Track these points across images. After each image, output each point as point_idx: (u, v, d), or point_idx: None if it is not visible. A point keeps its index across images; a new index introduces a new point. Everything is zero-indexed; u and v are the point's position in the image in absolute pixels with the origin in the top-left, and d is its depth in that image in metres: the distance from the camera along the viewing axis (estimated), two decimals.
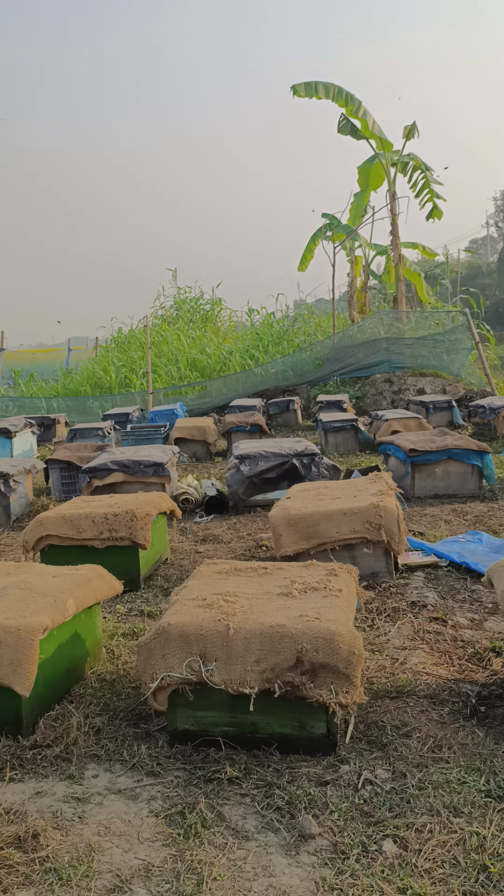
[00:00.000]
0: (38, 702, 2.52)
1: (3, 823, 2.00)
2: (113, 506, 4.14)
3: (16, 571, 3.02)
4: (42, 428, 10.44)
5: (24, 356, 21.12)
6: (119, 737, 2.44)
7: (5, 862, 1.84)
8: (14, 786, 2.19)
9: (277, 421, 11.63)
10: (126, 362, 17.03)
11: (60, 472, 6.62)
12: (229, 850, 1.88)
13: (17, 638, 2.40)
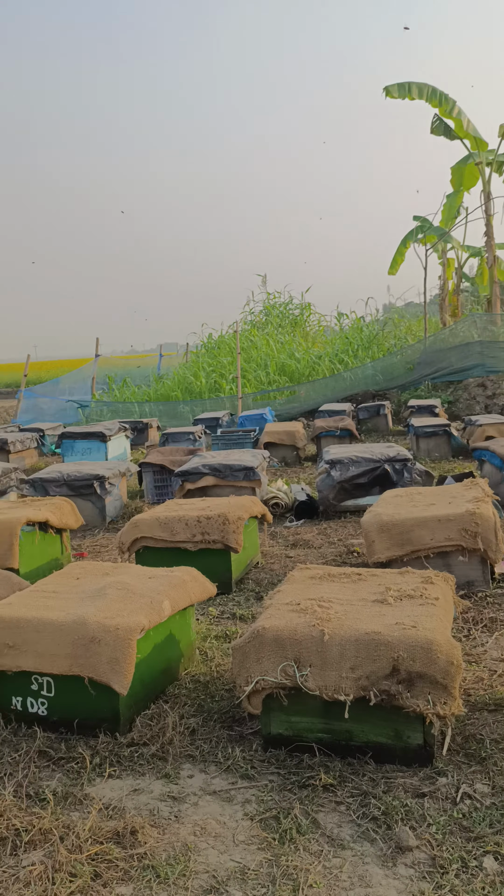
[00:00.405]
0: (135, 700, 2.57)
1: (102, 818, 2.04)
2: (205, 509, 4.19)
3: (113, 572, 3.09)
4: (135, 432, 10.67)
5: (117, 362, 21.63)
6: (213, 738, 2.46)
7: (105, 856, 1.88)
8: (112, 782, 2.24)
9: (367, 426, 11.52)
10: (216, 367, 17.21)
11: (153, 475, 6.74)
12: (325, 857, 1.87)
13: (115, 637, 2.45)
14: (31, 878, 1.80)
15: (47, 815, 2.05)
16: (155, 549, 4.10)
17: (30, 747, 2.43)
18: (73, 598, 2.78)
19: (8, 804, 2.12)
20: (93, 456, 8.54)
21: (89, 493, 5.94)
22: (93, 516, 5.93)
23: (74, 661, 2.47)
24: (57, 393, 16.78)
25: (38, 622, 2.55)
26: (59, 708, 2.55)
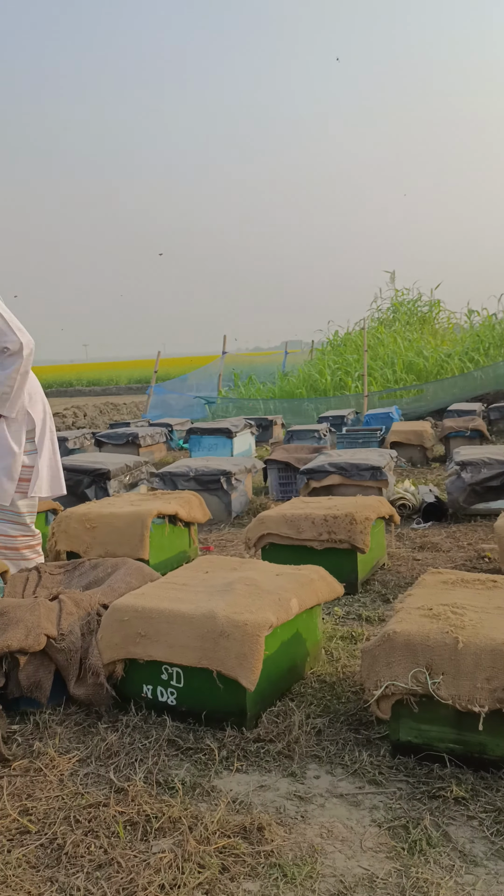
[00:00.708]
0: (262, 696, 2.58)
1: (230, 812, 2.06)
2: (332, 508, 4.16)
3: (241, 567, 3.12)
4: (260, 429, 10.75)
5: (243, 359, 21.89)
6: (340, 740, 2.43)
7: (232, 850, 1.90)
8: (239, 776, 2.25)
9: (499, 426, 11.11)
10: (341, 365, 17.09)
11: (278, 472, 6.77)
12: (456, 872, 1.80)
13: (243, 633, 2.47)
14: (161, 866, 1.83)
15: (176, 803, 2.09)
16: (280, 546, 4.12)
17: (159, 735, 2.49)
18: (203, 591, 2.82)
19: (139, 790, 2.17)
20: (219, 451, 8.67)
21: (216, 489, 6.03)
22: (219, 511, 6.01)
23: (203, 653, 2.50)
24: (184, 389, 17.18)
25: (170, 613, 2.60)
26: (187, 699, 2.59)
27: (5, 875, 1.85)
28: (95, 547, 4.24)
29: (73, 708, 2.74)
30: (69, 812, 2.10)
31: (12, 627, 2.68)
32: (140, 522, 4.20)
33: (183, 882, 1.77)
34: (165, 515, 4.44)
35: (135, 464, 6.57)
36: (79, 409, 17.19)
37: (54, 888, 1.80)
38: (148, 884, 1.77)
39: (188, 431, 9.09)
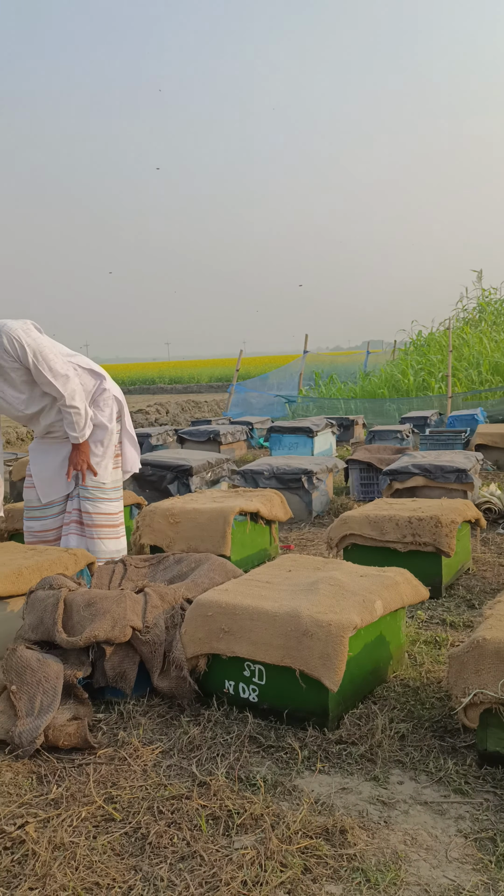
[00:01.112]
0: (344, 698, 2.56)
1: (312, 813, 2.04)
2: (417, 510, 4.09)
3: (325, 567, 3.10)
4: (341, 428, 10.69)
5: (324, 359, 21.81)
6: (424, 747, 2.38)
7: (315, 852, 1.88)
8: (321, 777, 2.23)
9: None
10: (424, 365, 16.82)
11: (360, 472, 6.70)
12: None
13: (328, 633, 2.45)
14: (244, 862, 1.83)
15: (258, 801, 2.09)
16: (363, 547, 4.07)
17: (241, 732, 2.49)
18: (286, 589, 2.81)
19: (221, 785, 2.18)
20: (299, 450, 8.66)
21: (297, 487, 6.02)
22: (299, 510, 6.00)
23: (286, 652, 2.49)
24: (265, 388, 17.22)
25: (254, 611, 2.60)
26: (269, 696, 2.59)
27: (91, 860, 1.89)
28: (178, 542, 4.29)
29: (157, 700, 2.77)
30: (152, 802, 2.13)
31: (99, 618, 2.73)
32: (222, 519, 4.22)
33: (265, 880, 1.77)
34: (247, 513, 4.45)
35: (216, 461, 6.62)
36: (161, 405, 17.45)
37: (138, 877, 1.82)
38: (231, 879, 1.77)
39: (269, 430, 9.10)
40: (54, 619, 2.80)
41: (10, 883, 1.82)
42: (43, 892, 1.77)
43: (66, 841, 1.96)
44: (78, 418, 3.75)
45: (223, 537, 4.19)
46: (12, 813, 2.11)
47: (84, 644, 2.71)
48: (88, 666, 2.73)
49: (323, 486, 6.25)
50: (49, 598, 2.88)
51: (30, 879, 1.82)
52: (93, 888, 1.79)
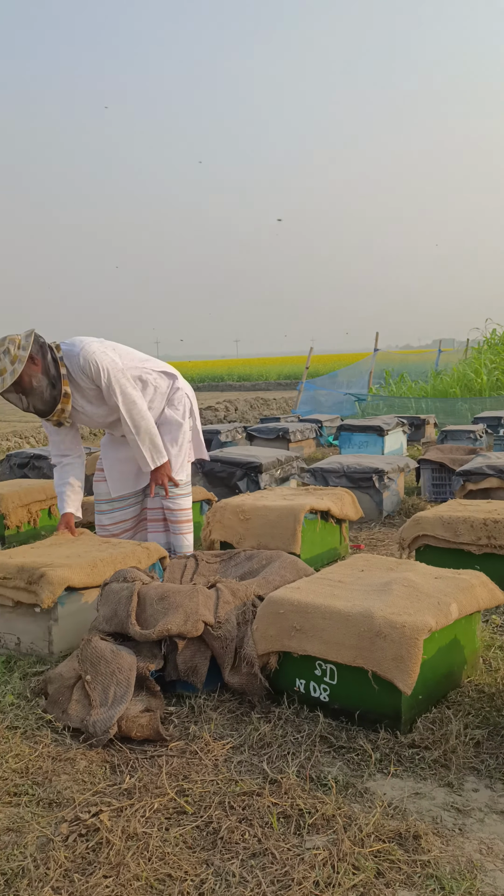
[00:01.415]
0: (417, 701, 2.52)
1: (385, 817, 2.02)
2: (492, 512, 3.99)
3: (398, 568, 3.05)
4: (412, 428, 10.54)
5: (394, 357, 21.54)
6: (500, 755, 2.32)
7: (388, 856, 1.86)
8: (394, 781, 2.20)
9: None
10: (499, 364, 16.45)
11: (432, 472, 6.59)
12: None
13: (401, 634, 2.41)
14: (316, 862, 1.82)
15: (330, 801, 2.08)
16: (435, 549, 4.00)
17: (312, 731, 2.48)
18: (359, 589, 2.79)
19: (292, 783, 2.17)
20: (369, 449, 8.57)
21: (367, 487, 5.96)
22: (370, 509, 5.94)
23: (359, 652, 2.47)
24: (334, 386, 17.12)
25: (326, 610, 2.58)
26: (340, 696, 2.57)
27: (164, 852, 1.90)
28: (248, 538, 4.30)
29: (227, 695, 2.78)
30: (224, 797, 2.13)
31: (172, 612, 2.76)
32: (293, 517, 4.21)
33: (338, 882, 1.75)
34: (318, 511, 4.43)
35: (286, 458, 6.61)
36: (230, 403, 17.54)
37: (210, 871, 1.83)
38: (303, 878, 1.76)
39: (339, 428, 9.04)
40: (128, 612, 2.84)
41: (86, 870, 1.85)
42: (117, 880, 1.80)
43: (140, 831, 1.98)
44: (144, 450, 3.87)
45: (293, 535, 4.18)
46: (87, 801, 2.15)
47: (157, 637, 2.74)
48: (160, 659, 2.76)
49: (394, 485, 6.18)
50: (123, 591, 2.93)
51: (104, 867, 1.85)
52: (165, 880, 1.81)
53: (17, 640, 3.29)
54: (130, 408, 3.76)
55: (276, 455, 6.57)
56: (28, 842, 1.97)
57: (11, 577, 3.22)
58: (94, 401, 3.78)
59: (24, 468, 7.41)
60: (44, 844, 1.96)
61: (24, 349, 3.48)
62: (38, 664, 3.16)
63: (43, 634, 3.21)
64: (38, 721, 2.64)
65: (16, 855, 1.92)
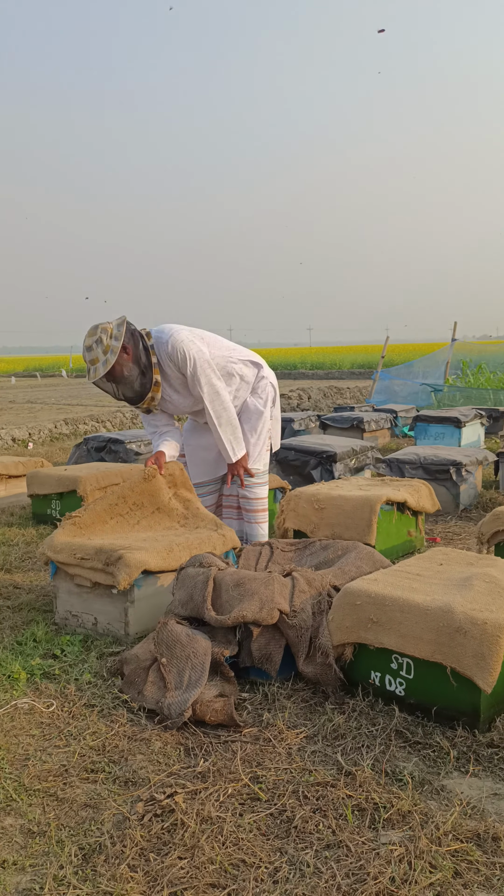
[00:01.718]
0: (497, 700, 2.45)
1: (463, 816, 1.97)
2: None
3: (478, 563, 2.98)
4: (490, 420, 10.29)
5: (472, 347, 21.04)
6: None
7: (466, 856, 1.82)
8: (471, 780, 2.15)
9: None
10: None
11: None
12: None
13: (482, 631, 2.35)
14: (392, 858, 1.80)
15: (406, 797, 2.04)
16: None
17: (387, 724, 2.45)
18: (438, 584, 2.73)
19: (367, 776, 2.15)
20: (445, 441, 8.41)
21: (444, 479, 5.85)
22: (446, 502, 5.83)
23: (437, 648, 2.42)
24: (410, 376, 16.85)
25: (404, 603, 2.54)
26: (417, 691, 2.53)
27: (238, 837, 1.91)
28: (322, 528, 4.27)
29: (301, 684, 2.77)
30: (297, 786, 2.13)
31: (248, 599, 2.76)
32: (369, 507, 4.16)
33: (414, 879, 1.72)
34: (394, 502, 4.37)
35: (361, 448, 6.54)
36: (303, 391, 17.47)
37: (284, 859, 1.83)
38: (378, 874, 1.74)
39: (414, 419, 8.89)
40: (204, 597, 2.86)
41: (161, 850, 1.87)
42: (191, 862, 1.81)
43: (214, 815, 1.99)
44: (225, 441, 3.88)
45: (369, 526, 4.13)
46: (162, 781, 2.17)
47: (232, 623, 2.75)
48: (235, 645, 2.76)
49: (472, 478, 6.04)
50: (199, 576, 2.94)
51: (179, 849, 1.86)
52: (239, 865, 1.81)
53: (95, 620, 3.35)
54: (214, 399, 3.77)
55: (350, 444, 6.51)
56: (105, 818, 2.01)
57: (89, 559, 3.28)
58: (180, 389, 3.81)
59: (101, 451, 7.55)
60: (120, 822, 2.00)
61: (116, 339, 3.52)
62: (114, 644, 3.21)
63: (119, 615, 3.27)
64: (115, 700, 2.68)
65: (93, 831, 1.96)
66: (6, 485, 6.38)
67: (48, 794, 2.13)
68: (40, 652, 3.14)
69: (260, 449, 4.09)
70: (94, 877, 1.78)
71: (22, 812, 2.05)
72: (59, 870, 1.81)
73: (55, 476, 5.53)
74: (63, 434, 11.64)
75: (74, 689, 2.77)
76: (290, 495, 4.48)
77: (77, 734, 2.46)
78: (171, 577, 3.32)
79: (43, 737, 2.46)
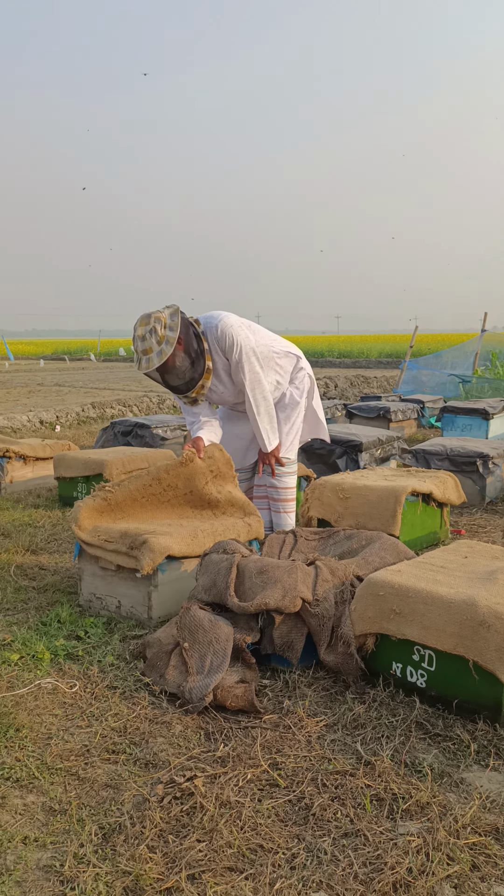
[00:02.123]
0: None
1: (482, 810, 1.97)
2: None
3: (503, 556, 2.96)
4: None
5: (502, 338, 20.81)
6: None
7: (484, 850, 1.81)
8: (492, 774, 2.15)
9: None
10: None
11: None
12: None
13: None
14: (410, 849, 1.80)
15: (425, 788, 2.04)
16: None
17: (407, 716, 2.45)
18: (462, 576, 2.72)
19: (386, 766, 2.15)
20: (473, 433, 8.33)
21: (471, 471, 5.80)
22: (472, 494, 5.78)
23: (460, 641, 2.41)
24: (438, 366, 16.70)
25: (427, 595, 2.53)
26: (438, 683, 2.52)
27: (256, 822, 1.92)
28: (347, 517, 4.26)
29: (322, 673, 2.78)
30: (316, 774, 2.14)
31: (271, 586, 2.77)
32: (394, 498, 4.15)
33: (431, 871, 1.73)
34: (419, 494, 4.35)
35: (387, 438, 6.51)
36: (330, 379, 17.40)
37: (301, 846, 1.84)
38: (396, 864, 1.74)
39: (442, 409, 8.82)
40: (227, 583, 2.87)
41: (180, 832, 1.89)
42: (210, 845, 1.83)
43: (233, 800, 2.01)
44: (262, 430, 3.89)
45: (393, 516, 4.12)
46: (182, 765, 2.19)
47: (254, 610, 2.75)
48: (257, 632, 2.77)
49: (499, 471, 5.99)
50: (223, 562, 2.95)
51: (197, 832, 1.88)
52: (257, 850, 1.83)
53: (118, 604, 3.38)
54: (255, 386, 3.78)
55: (376, 434, 6.49)
56: (125, 799, 2.03)
57: (114, 542, 3.30)
58: (224, 378, 3.82)
59: (128, 436, 7.59)
60: (140, 803, 2.02)
61: (171, 329, 3.50)
62: (137, 628, 3.24)
63: (143, 599, 3.29)
64: (137, 683, 2.71)
65: (113, 811, 1.98)
66: (33, 467, 6.44)
67: (70, 774, 2.16)
68: (64, 633, 3.18)
69: (292, 439, 4.10)
70: (114, 856, 1.80)
71: (44, 790, 2.08)
72: (80, 848, 1.83)
73: (82, 459, 5.57)
74: (90, 418, 11.71)
75: (97, 671, 2.80)
76: (315, 484, 4.47)
77: (99, 715, 2.49)
78: (195, 563, 3.33)
79: (66, 717, 2.49)
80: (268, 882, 1.71)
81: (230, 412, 4.15)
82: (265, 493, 4.13)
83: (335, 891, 1.68)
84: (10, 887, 1.71)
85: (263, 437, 3.90)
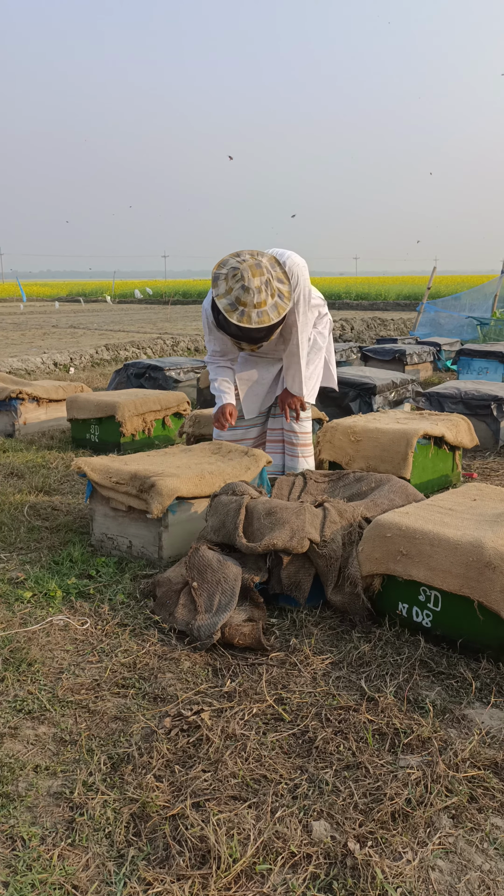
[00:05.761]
0: None
1: (482, 745, 2.01)
2: None
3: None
4: None
5: None
6: None
7: (482, 783, 1.86)
8: (493, 711, 2.19)
9: None
10: None
11: None
12: None
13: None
14: (409, 780, 1.85)
15: (426, 724, 2.08)
16: None
17: (412, 654, 2.48)
18: (470, 519, 2.72)
19: (389, 703, 2.19)
20: (489, 376, 8.27)
21: (485, 414, 5.76)
22: (485, 438, 5.76)
23: (466, 582, 2.43)
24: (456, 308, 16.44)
25: (434, 536, 2.54)
26: (443, 623, 2.55)
27: (260, 754, 1.97)
28: (358, 460, 4.26)
29: (328, 612, 2.81)
30: (320, 709, 2.18)
31: (279, 527, 2.79)
32: (405, 441, 4.13)
33: (430, 802, 1.77)
34: (431, 437, 4.33)
35: (401, 381, 6.46)
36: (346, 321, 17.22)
37: (304, 777, 1.89)
38: (395, 794, 1.79)
39: (458, 353, 8.75)
40: (236, 524, 2.89)
41: (186, 763, 1.95)
42: (215, 776, 1.88)
43: (238, 732, 2.06)
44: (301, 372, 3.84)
45: (404, 459, 4.12)
46: (189, 699, 2.24)
47: (262, 551, 2.78)
48: (265, 572, 2.80)
49: None
50: (232, 504, 2.97)
51: (203, 763, 1.94)
52: (260, 780, 1.88)
53: (129, 544, 3.43)
54: (304, 329, 3.74)
55: (391, 377, 6.44)
56: (133, 731, 2.09)
57: (124, 483, 3.33)
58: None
59: (141, 378, 7.58)
60: (148, 735, 2.08)
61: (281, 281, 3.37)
62: (148, 567, 3.28)
63: (153, 540, 3.33)
64: (146, 621, 2.76)
65: (122, 742, 2.04)
66: (47, 409, 6.46)
67: (80, 706, 2.22)
68: (76, 572, 3.23)
69: (314, 383, 4.04)
70: (122, 784, 1.86)
71: (55, 721, 2.14)
72: (89, 776, 1.89)
73: (94, 401, 5.59)
74: (104, 360, 11.69)
75: (108, 609, 2.85)
76: (327, 427, 4.47)
77: (109, 651, 2.54)
78: (205, 504, 3.36)
79: (77, 652, 2.55)
80: (269, 810, 1.76)
81: (249, 357, 4.05)
82: (280, 436, 4.10)
83: (335, 819, 1.73)
84: (22, 812, 1.78)
85: (303, 381, 3.84)
